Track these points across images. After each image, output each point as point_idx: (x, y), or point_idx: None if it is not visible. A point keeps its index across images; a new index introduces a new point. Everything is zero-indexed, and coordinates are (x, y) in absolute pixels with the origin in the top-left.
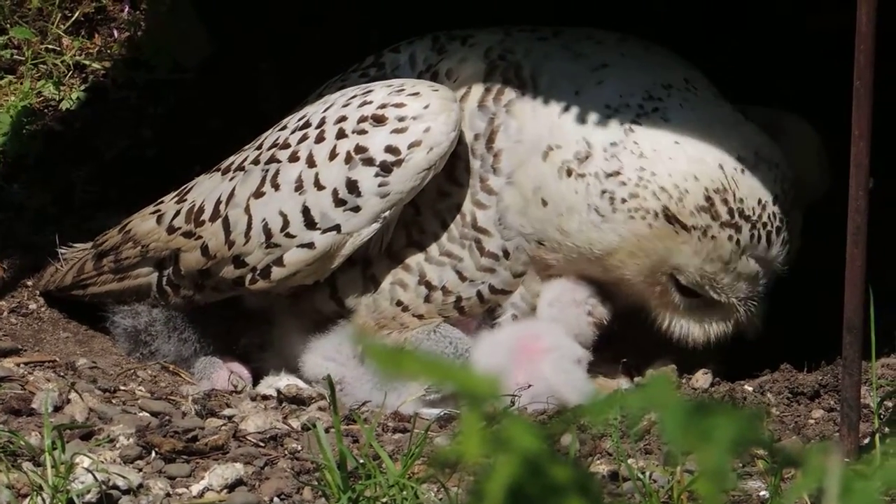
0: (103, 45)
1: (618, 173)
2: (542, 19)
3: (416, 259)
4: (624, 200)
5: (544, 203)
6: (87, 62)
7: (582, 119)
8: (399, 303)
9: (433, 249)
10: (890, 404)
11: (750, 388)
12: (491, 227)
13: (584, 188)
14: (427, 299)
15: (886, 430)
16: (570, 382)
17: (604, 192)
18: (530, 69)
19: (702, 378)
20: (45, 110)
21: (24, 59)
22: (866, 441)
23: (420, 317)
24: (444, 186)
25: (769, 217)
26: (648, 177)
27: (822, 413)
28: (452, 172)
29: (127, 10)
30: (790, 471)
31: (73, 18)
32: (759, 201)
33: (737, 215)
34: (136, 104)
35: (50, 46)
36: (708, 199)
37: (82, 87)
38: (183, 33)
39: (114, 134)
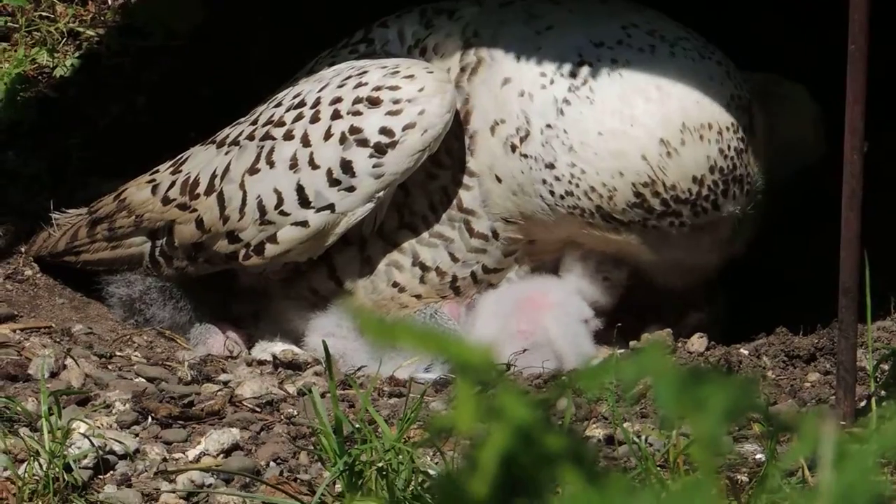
0: (97, 13)
1: (553, 166)
2: None
3: (408, 241)
4: (562, 196)
5: (499, 180)
6: (80, 29)
7: (520, 91)
8: (395, 284)
9: (424, 231)
10: (886, 367)
11: (745, 352)
12: (477, 207)
13: (528, 170)
14: (422, 280)
15: (882, 392)
16: (571, 339)
17: (544, 181)
18: (489, 39)
19: (697, 342)
20: (39, 78)
21: (17, 26)
22: (862, 404)
23: (418, 297)
24: (431, 168)
25: (710, 187)
26: (579, 174)
27: (818, 376)
28: (436, 155)
29: None
30: (786, 434)
31: None
32: (695, 178)
33: (672, 203)
34: (129, 71)
35: (44, 14)
36: (637, 194)
37: (76, 55)
38: (176, 0)
39: (108, 101)
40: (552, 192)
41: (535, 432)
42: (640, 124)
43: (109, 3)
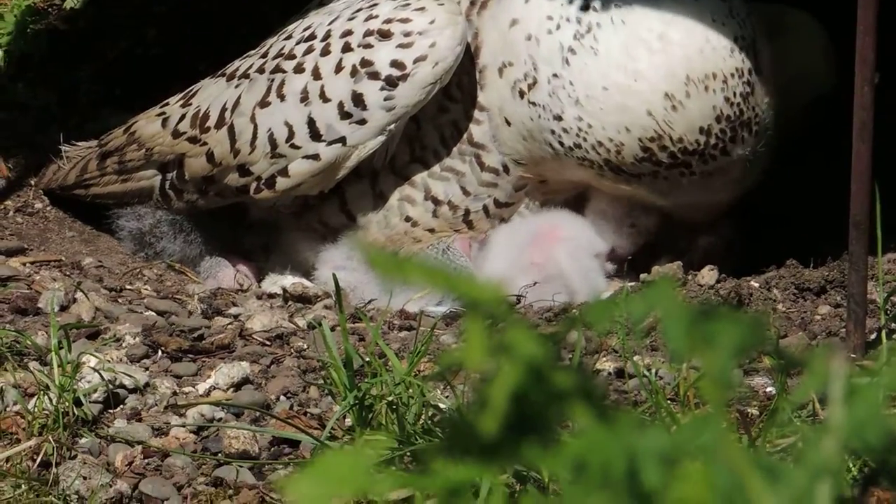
0: None
1: (560, 118)
2: None
3: (420, 174)
4: (571, 149)
5: (508, 123)
6: None
7: (527, 34)
8: (408, 218)
9: (435, 165)
10: None
11: (756, 285)
12: (487, 142)
13: (538, 118)
14: (435, 214)
15: (893, 325)
16: (583, 272)
17: (553, 131)
18: None
19: (707, 274)
20: (50, 10)
21: None
22: (873, 337)
23: (431, 230)
24: (442, 101)
25: (718, 135)
26: (586, 128)
27: (829, 309)
28: (447, 89)
29: None
30: (797, 368)
31: None
32: (701, 129)
33: (680, 155)
34: (139, 2)
35: None
36: (645, 149)
37: None
38: None
39: (118, 33)
40: (561, 143)
41: (545, 369)
42: (644, 79)
43: None
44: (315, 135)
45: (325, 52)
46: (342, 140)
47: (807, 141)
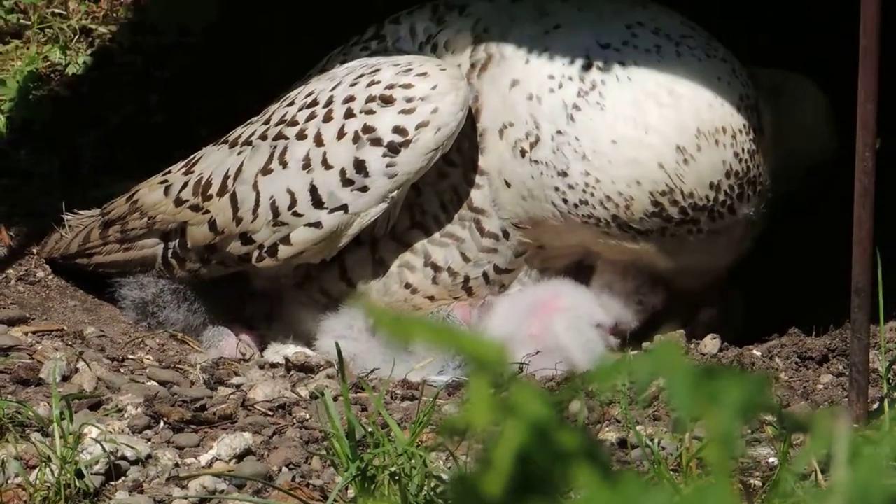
0: (109, 9)
1: (565, 174)
2: None
3: (420, 241)
4: (576, 205)
5: (508, 185)
6: (93, 26)
7: (529, 94)
8: (408, 285)
9: (435, 231)
10: None
11: (758, 353)
12: (487, 206)
13: (539, 176)
14: (434, 280)
15: (895, 394)
16: (582, 343)
17: (557, 188)
18: (499, 36)
19: (710, 343)
20: (52, 75)
21: (30, 23)
22: (875, 406)
23: (431, 298)
24: (442, 167)
25: (727, 191)
26: (594, 183)
27: (831, 378)
28: (448, 153)
29: None
30: (799, 437)
31: None
32: (712, 184)
33: (690, 210)
34: (142, 68)
35: (56, 11)
36: (656, 203)
37: (88, 52)
38: None
39: (120, 99)
40: (565, 201)
41: (550, 430)
42: (656, 131)
43: None
44: (317, 202)
45: (328, 118)
46: (344, 207)
47: (808, 206)
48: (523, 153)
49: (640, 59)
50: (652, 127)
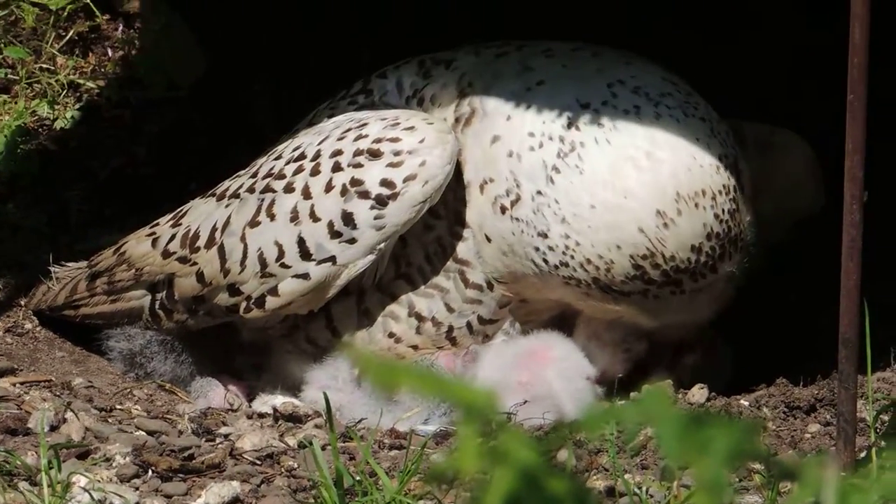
0: (97, 64)
1: (546, 235)
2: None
3: (405, 292)
4: (556, 266)
5: (488, 239)
6: (81, 81)
7: (509, 151)
8: (392, 335)
9: (420, 281)
10: (886, 418)
11: (746, 403)
12: (471, 258)
13: (520, 233)
14: (418, 330)
15: (883, 443)
16: (572, 392)
17: (537, 248)
18: (483, 90)
19: (698, 393)
20: (40, 129)
21: (18, 78)
22: (863, 455)
23: (415, 347)
24: (428, 219)
25: (708, 253)
26: (574, 246)
27: (819, 427)
28: (434, 206)
29: (121, 28)
30: (787, 485)
31: (68, 37)
32: (693, 247)
33: (672, 273)
34: (130, 123)
35: (44, 65)
36: (637, 266)
37: (77, 106)
38: (177, 52)
39: (108, 153)
40: (546, 261)
41: (539, 477)
42: (634, 196)
43: (110, 54)
44: (305, 254)
45: (315, 171)
46: (332, 259)
47: (796, 259)
48: (504, 210)
49: (619, 120)
50: (631, 192)
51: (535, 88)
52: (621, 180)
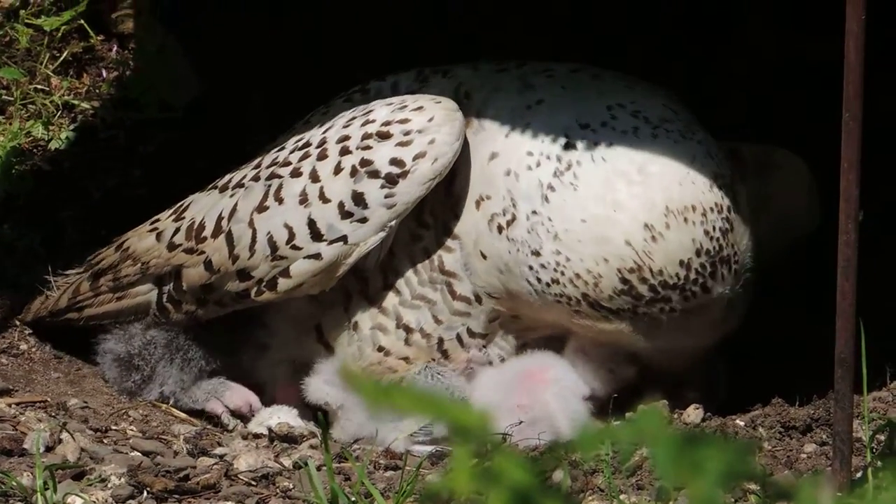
0: (92, 85)
1: (538, 253)
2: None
3: (392, 302)
4: (548, 284)
5: (483, 256)
6: (75, 102)
7: (507, 170)
8: (381, 348)
9: (406, 292)
10: (882, 438)
11: (741, 423)
12: (459, 270)
13: (516, 253)
14: (407, 342)
15: (879, 463)
16: (569, 412)
17: (531, 267)
18: (480, 103)
19: (693, 413)
20: (35, 150)
21: (12, 99)
22: (859, 475)
23: (406, 359)
24: (415, 229)
25: (698, 270)
26: (564, 262)
27: (815, 447)
28: (421, 215)
29: (115, 49)
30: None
31: (62, 58)
32: (681, 262)
33: (660, 289)
34: (125, 144)
35: (39, 86)
36: (624, 280)
37: (71, 127)
38: (172, 72)
39: (103, 173)
40: (539, 279)
41: (534, 498)
42: (623, 209)
43: (104, 75)
44: (316, 235)
45: (322, 156)
46: (344, 238)
47: (792, 278)
48: (500, 229)
49: (616, 141)
50: (620, 204)
51: (534, 107)
52: (612, 193)
